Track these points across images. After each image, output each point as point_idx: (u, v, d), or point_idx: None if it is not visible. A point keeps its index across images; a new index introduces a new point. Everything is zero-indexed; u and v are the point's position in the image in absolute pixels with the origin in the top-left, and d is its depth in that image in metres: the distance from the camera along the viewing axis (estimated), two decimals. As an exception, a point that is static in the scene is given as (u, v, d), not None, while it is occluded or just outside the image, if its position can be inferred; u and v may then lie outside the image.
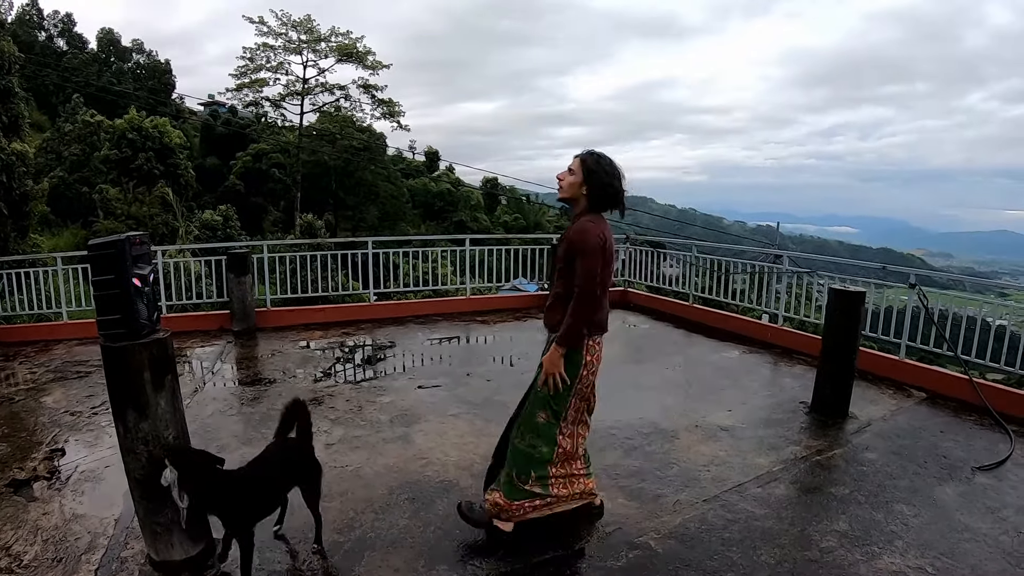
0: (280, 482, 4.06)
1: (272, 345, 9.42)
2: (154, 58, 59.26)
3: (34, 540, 4.30)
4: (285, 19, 46.77)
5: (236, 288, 10.14)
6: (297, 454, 4.12)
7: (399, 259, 12.64)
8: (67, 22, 58.25)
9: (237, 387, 7.73)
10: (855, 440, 6.01)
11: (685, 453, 5.62)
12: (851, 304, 6.64)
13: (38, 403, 7.16)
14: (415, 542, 4.20)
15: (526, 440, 4.20)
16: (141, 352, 3.63)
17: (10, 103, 17.81)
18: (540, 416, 4.18)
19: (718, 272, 11.19)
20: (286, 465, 4.07)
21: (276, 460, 4.06)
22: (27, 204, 18.12)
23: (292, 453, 4.12)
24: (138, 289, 3.65)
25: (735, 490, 4.96)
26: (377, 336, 9.99)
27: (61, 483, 5.17)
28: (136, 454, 3.71)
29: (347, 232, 47.97)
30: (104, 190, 31.96)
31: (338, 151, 49.07)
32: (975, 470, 5.41)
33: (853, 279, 8.77)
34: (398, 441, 5.77)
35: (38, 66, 45.82)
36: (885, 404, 6.98)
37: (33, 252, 18.00)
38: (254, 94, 48.85)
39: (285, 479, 4.08)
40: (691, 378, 7.89)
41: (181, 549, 3.86)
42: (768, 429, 6.20)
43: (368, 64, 47.96)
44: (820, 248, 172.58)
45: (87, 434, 6.20)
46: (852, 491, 4.99)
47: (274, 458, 4.07)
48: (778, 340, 9.31)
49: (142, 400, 3.64)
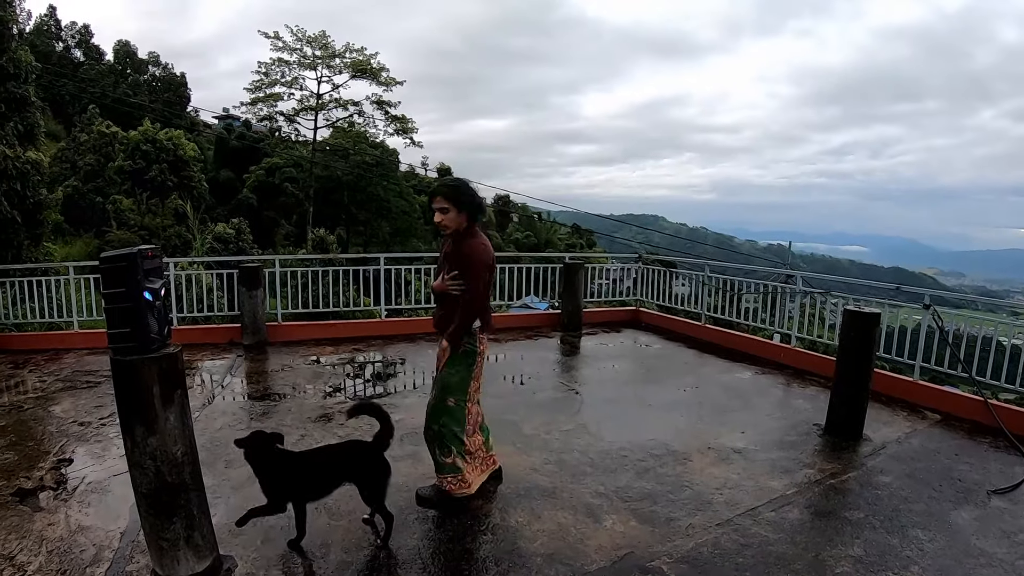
0: (331, 473, 4.33)
1: (282, 360, 9.40)
2: (170, 71, 59.59)
3: (39, 551, 4.26)
4: (300, 35, 47.18)
5: (247, 302, 10.15)
6: (360, 454, 4.39)
7: (410, 275, 12.63)
8: (84, 33, 58.64)
9: (247, 401, 7.70)
10: (869, 463, 5.94)
11: (698, 476, 5.56)
12: (866, 325, 6.58)
13: (47, 412, 7.17)
14: (425, 563, 4.14)
15: (439, 422, 4.82)
16: (151, 367, 3.60)
17: (26, 112, 17.89)
18: (449, 401, 4.81)
19: (729, 291, 11.14)
20: (344, 460, 4.40)
21: (335, 452, 4.54)
22: (41, 212, 18.17)
23: (355, 451, 4.45)
24: (149, 303, 3.63)
25: (748, 514, 4.89)
26: (388, 353, 9.96)
27: (67, 494, 5.14)
28: (144, 468, 3.67)
29: (359, 247, 48.10)
30: (118, 201, 32.10)
31: (351, 166, 49.27)
32: (990, 494, 5.34)
33: (866, 299, 8.70)
34: (408, 459, 5.72)
35: (55, 76, 46.14)
36: (899, 426, 6.91)
37: (46, 260, 18.05)
38: (268, 108, 49.29)
39: (338, 472, 4.34)
40: (703, 399, 7.83)
41: (187, 565, 3.82)
42: (781, 452, 6.13)
43: (382, 80, 48.30)
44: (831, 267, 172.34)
45: (95, 445, 6.18)
46: (867, 515, 4.92)
47: (334, 450, 4.61)
48: (791, 361, 9.24)
49: (151, 415, 3.61)
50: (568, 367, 9.59)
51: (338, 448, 4.62)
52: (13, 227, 16.83)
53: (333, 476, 4.34)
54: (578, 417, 7.01)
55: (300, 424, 6.70)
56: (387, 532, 4.35)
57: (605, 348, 10.56)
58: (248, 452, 4.18)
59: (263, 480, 4.21)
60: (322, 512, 4.65)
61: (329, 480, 4.35)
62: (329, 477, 4.34)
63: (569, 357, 10.11)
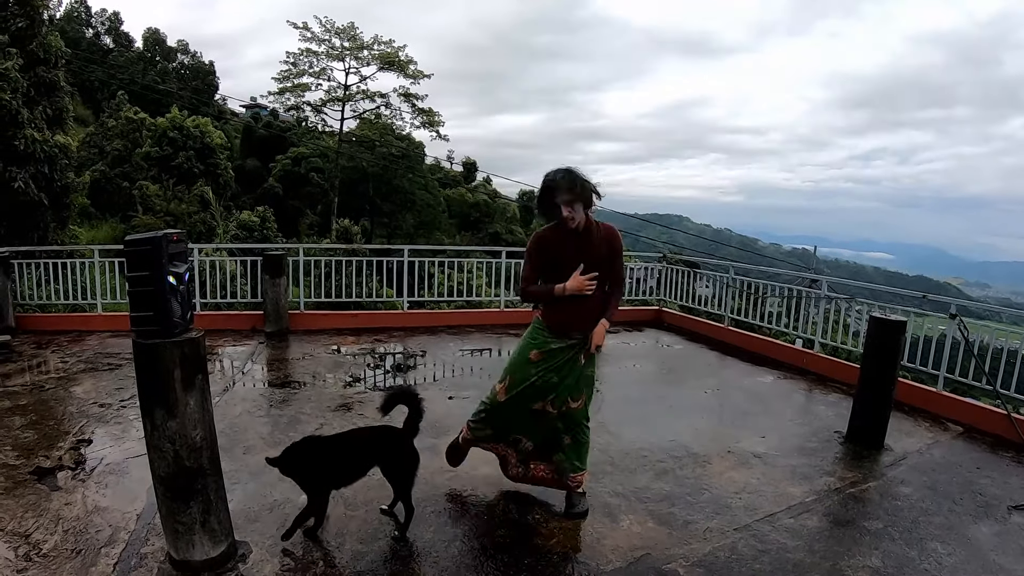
0: (357, 458, 4.35)
1: (303, 348, 9.43)
2: (198, 59, 59.88)
3: (55, 530, 4.28)
4: (329, 26, 47.23)
5: (270, 289, 10.19)
6: (388, 439, 4.38)
7: (434, 268, 12.64)
8: (114, 20, 59.06)
9: (267, 388, 7.73)
10: (890, 473, 5.88)
11: (717, 479, 5.52)
12: (891, 334, 6.51)
13: (68, 393, 7.23)
14: (439, 557, 4.13)
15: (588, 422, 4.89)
16: (173, 351, 3.60)
17: (55, 96, 18.04)
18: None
19: (753, 294, 11.07)
20: (370, 445, 4.37)
21: (364, 437, 4.50)
22: (68, 196, 18.33)
23: (382, 436, 4.41)
24: (173, 287, 3.63)
25: (767, 520, 4.85)
26: (409, 344, 9.97)
27: (85, 474, 5.17)
28: (162, 452, 3.68)
29: (382, 239, 48.16)
30: (144, 186, 32.27)
31: (377, 158, 49.34)
32: (1011, 509, 5.27)
33: (892, 307, 8.62)
34: (426, 452, 5.67)
35: (84, 62, 46.49)
36: (921, 437, 6.84)
37: (71, 243, 18.19)
38: (296, 98, 49.38)
39: (365, 457, 4.35)
40: (724, 401, 7.80)
41: (202, 549, 3.82)
42: (802, 458, 6.08)
43: (409, 73, 48.27)
44: (856, 274, 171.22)
45: (114, 427, 6.22)
46: (886, 526, 4.86)
47: (361, 435, 4.57)
48: (813, 366, 9.17)
49: (171, 399, 3.61)
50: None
51: (367, 432, 4.57)
52: (40, 209, 16.99)
53: (362, 461, 4.35)
54: (598, 416, 6.95)
55: (320, 413, 6.71)
56: (406, 524, 4.34)
57: (627, 347, 10.51)
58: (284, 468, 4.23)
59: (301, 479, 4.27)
60: (339, 502, 4.65)
61: (357, 465, 4.36)
62: (357, 462, 4.35)
63: (590, 355, 10.08)
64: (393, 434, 4.37)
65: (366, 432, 4.56)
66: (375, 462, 4.34)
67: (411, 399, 4.38)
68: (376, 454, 4.33)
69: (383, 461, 4.32)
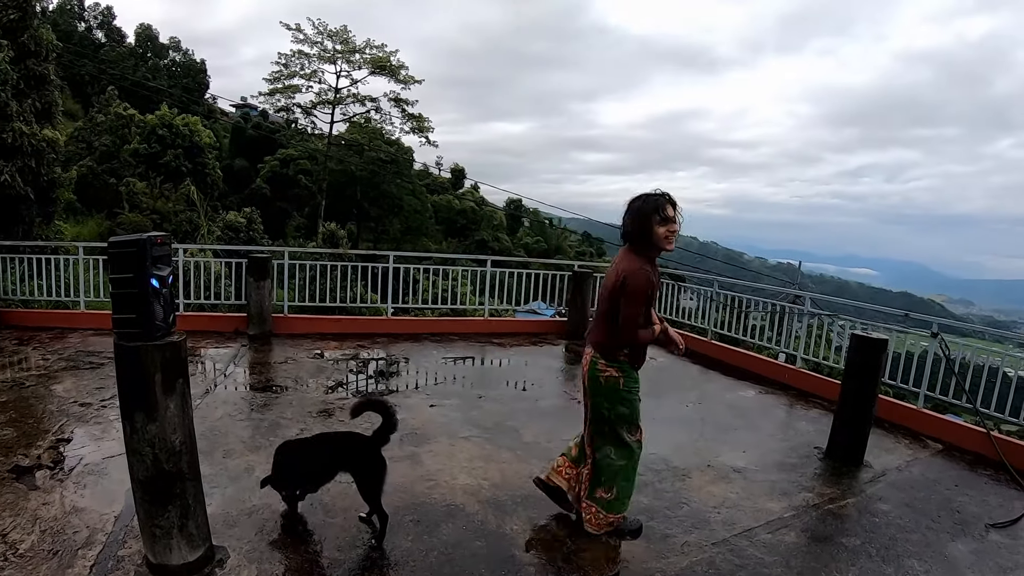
0: (323, 462, 4.42)
1: (286, 352, 9.40)
2: (190, 57, 59.78)
3: (32, 529, 4.26)
4: (321, 28, 47.24)
5: (255, 292, 10.16)
6: (355, 445, 4.43)
7: (419, 275, 12.64)
8: (107, 15, 58.87)
9: (248, 392, 7.69)
10: (869, 490, 5.92)
11: (696, 493, 5.54)
12: (872, 351, 6.56)
13: (48, 390, 7.18)
14: (416, 566, 4.12)
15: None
16: (154, 354, 3.59)
17: (45, 90, 17.91)
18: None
19: (737, 308, 11.10)
20: (336, 450, 4.45)
21: (331, 441, 4.61)
22: (54, 191, 18.19)
23: (349, 442, 4.48)
24: (156, 290, 3.62)
25: (745, 535, 4.87)
26: (392, 351, 9.96)
27: (64, 474, 5.14)
28: (141, 455, 3.67)
29: (369, 243, 48.15)
30: (131, 183, 32.06)
31: (365, 162, 49.31)
32: (989, 527, 5.32)
33: (874, 324, 8.67)
34: (406, 460, 5.71)
35: (75, 56, 46.25)
36: (900, 454, 6.89)
37: (56, 239, 18.10)
38: (286, 99, 49.36)
39: (331, 461, 4.42)
40: (706, 415, 7.80)
41: (179, 554, 3.81)
42: (781, 473, 6.10)
43: (400, 78, 48.32)
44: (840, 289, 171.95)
45: (94, 427, 6.18)
46: (863, 542, 4.89)
47: (330, 439, 4.67)
48: (795, 382, 9.20)
49: (151, 402, 3.60)
50: (572, 375, 9.56)
51: (334, 437, 4.68)
52: (25, 204, 16.86)
53: (327, 465, 4.40)
54: (580, 427, 6.96)
55: (300, 418, 6.69)
56: (381, 532, 4.35)
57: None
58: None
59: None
60: (317, 509, 4.64)
61: (324, 469, 4.41)
62: (324, 466, 4.40)
63: (573, 366, 10.07)
64: (360, 441, 4.41)
65: (332, 437, 4.68)
66: (341, 467, 4.39)
67: (383, 409, 4.40)
68: (342, 460, 4.38)
69: (349, 467, 4.36)
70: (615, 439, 4.63)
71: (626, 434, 4.63)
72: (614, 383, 4.54)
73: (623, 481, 4.65)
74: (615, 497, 4.63)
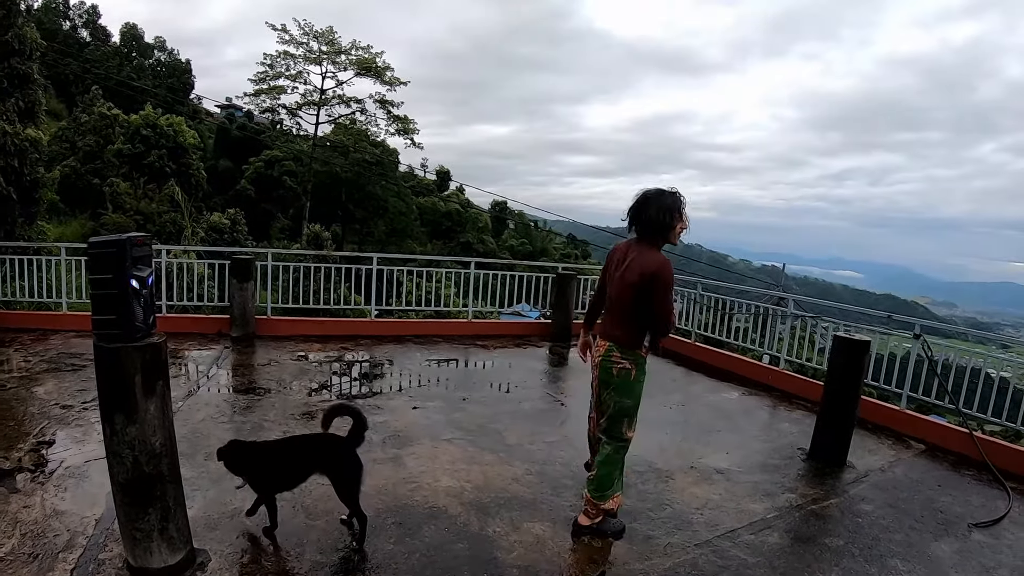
0: (297, 463, 4.40)
1: (270, 354, 9.36)
2: (175, 57, 59.44)
3: (12, 533, 4.23)
4: (307, 29, 47.20)
5: (238, 294, 10.11)
6: (328, 446, 4.40)
7: (403, 276, 12.61)
8: (92, 13, 58.47)
9: (231, 394, 7.66)
10: (852, 490, 5.94)
11: (679, 495, 5.55)
12: (855, 352, 6.58)
13: (30, 393, 7.12)
14: (398, 568, 4.11)
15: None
16: (134, 355, 3.57)
17: (28, 89, 17.80)
18: None
19: (721, 310, 11.13)
20: (310, 450, 4.44)
21: (306, 442, 4.60)
22: (37, 191, 18.10)
23: (322, 443, 4.43)
24: (136, 291, 3.60)
25: (727, 536, 4.88)
26: (376, 353, 9.93)
27: (45, 477, 5.11)
28: (121, 458, 3.64)
29: (354, 245, 48.09)
30: (115, 183, 31.86)
31: (350, 164, 49.31)
32: (971, 527, 5.35)
33: (857, 326, 8.70)
34: (389, 463, 5.70)
35: (60, 55, 45.93)
36: (883, 454, 6.92)
37: (39, 240, 17.99)
38: (271, 100, 49.28)
39: (305, 462, 4.40)
40: (689, 417, 7.83)
41: (160, 557, 3.78)
42: (764, 474, 6.12)
43: (386, 80, 48.34)
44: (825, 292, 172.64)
45: (76, 429, 6.13)
46: (846, 543, 4.91)
47: (305, 440, 4.66)
48: (778, 383, 9.23)
49: (131, 404, 3.58)
50: (555, 377, 9.58)
51: (309, 439, 4.63)
52: (8, 204, 16.75)
53: (301, 466, 4.39)
54: (563, 429, 6.99)
55: (283, 420, 6.67)
56: (361, 534, 4.33)
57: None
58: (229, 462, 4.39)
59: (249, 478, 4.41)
60: (299, 511, 4.63)
61: (298, 470, 4.40)
62: (297, 467, 4.39)
63: (557, 368, 10.09)
64: (334, 442, 4.39)
65: (307, 439, 4.65)
66: (316, 468, 4.38)
67: (352, 411, 4.42)
68: (316, 461, 4.37)
69: (324, 468, 4.35)
70: (615, 430, 4.73)
71: (625, 428, 4.73)
72: (626, 375, 4.62)
73: (608, 470, 4.73)
74: (596, 479, 4.74)
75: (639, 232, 4.57)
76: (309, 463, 4.38)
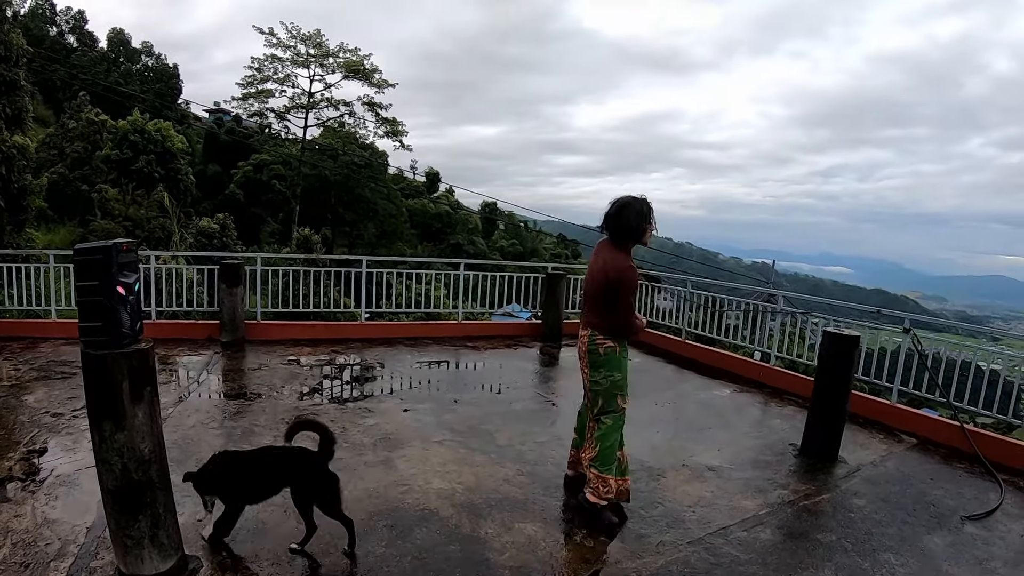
0: (268, 476, 4.29)
1: (260, 359, 9.34)
2: (163, 61, 59.26)
3: (3, 542, 4.21)
4: (295, 32, 47.18)
5: (227, 298, 10.07)
6: (297, 461, 4.28)
7: (393, 279, 12.60)
8: (79, 19, 58.26)
9: (221, 400, 7.64)
10: (844, 485, 5.95)
11: (671, 492, 5.55)
12: (845, 348, 6.59)
13: (20, 401, 7.09)
14: (390, 571, 4.11)
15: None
16: (121, 362, 3.56)
17: (15, 95, 17.77)
18: None
19: (712, 308, 11.14)
20: (279, 464, 4.31)
21: (271, 455, 4.44)
22: (25, 198, 18.08)
23: (291, 458, 4.31)
24: (122, 297, 3.59)
25: (720, 533, 4.88)
26: (366, 356, 9.91)
27: (36, 485, 5.08)
28: (110, 465, 3.63)
29: (344, 248, 47.98)
30: (103, 190, 31.83)
31: (339, 167, 49.19)
32: (964, 520, 5.37)
33: (847, 321, 8.72)
34: (380, 465, 5.69)
35: (47, 61, 45.83)
36: (875, 449, 6.94)
37: (27, 247, 17.94)
38: (259, 104, 49.21)
39: (274, 476, 4.29)
40: (680, 415, 7.83)
41: (151, 564, 3.77)
42: (756, 471, 6.13)
43: (374, 82, 48.36)
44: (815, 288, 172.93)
45: (66, 437, 6.11)
46: (839, 538, 4.92)
47: (270, 453, 4.50)
48: (769, 380, 9.25)
49: (119, 411, 3.57)
50: (546, 378, 9.58)
51: (283, 452, 4.42)
52: (-4, 211, 16.72)
53: (272, 480, 4.31)
54: (553, 429, 6.98)
55: (274, 425, 6.64)
56: (351, 539, 4.30)
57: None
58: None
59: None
60: (291, 516, 4.60)
61: (270, 484, 4.33)
62: (268, 480, 4.30)
63: (548, 368, 10.09)
64: (305, 457, 4.29)
65: (280, 451, 4.47)
66: (287, 484, 4.28)
67: (319, 427, 4.32)
68: (288, 476, 4.27)
69: (293, 483, 4.25)
70: (611, 404, 5.05)
71: (620, 400, 5.07)
72: (611, 351, 4.99)
73: (610, 442, 5.03)
74: (599, 455, 5.01)
75: (611, 235, 5.00)
76: (281, 478, 4.29)
